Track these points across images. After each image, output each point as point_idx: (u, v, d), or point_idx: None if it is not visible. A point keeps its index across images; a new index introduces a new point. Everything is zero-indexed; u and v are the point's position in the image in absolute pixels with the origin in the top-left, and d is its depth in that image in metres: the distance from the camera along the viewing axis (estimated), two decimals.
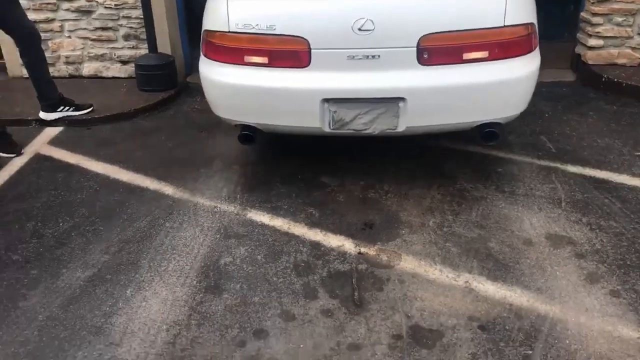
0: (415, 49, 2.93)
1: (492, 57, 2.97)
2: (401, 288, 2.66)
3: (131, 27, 5.36)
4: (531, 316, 2.46)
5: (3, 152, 4.08)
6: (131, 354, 2.36)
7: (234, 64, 3.09)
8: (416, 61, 2.95)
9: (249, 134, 3.23)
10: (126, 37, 5.40)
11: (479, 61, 2.98)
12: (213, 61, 3.17)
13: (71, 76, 5.56)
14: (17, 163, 4.05)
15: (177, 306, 2.61)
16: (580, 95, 4.76)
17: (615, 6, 4.79)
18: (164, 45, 5.23)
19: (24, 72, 4.82)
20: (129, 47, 5.43)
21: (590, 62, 4.98)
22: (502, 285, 2.65)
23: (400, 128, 3.08)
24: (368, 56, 2.94)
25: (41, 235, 3.21)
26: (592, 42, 4.94)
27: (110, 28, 5.37)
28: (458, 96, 3.03)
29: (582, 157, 3.75)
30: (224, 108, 3.31)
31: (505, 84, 3.04)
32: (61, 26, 5.41)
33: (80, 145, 4.32)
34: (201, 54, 3.25)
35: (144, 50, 5.31)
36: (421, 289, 2.65)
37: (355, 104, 3.03)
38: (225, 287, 2.72)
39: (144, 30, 5.16)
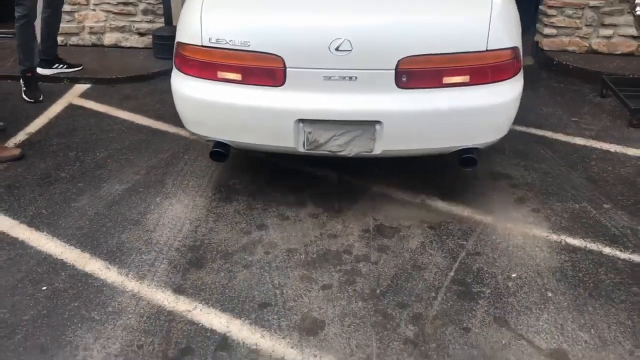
0: (393, 71, 2.83)
1: (473, 82, 2.88)
2: (372, 203, 3.42)
3: (149, 3, 6.09)
4: (469, 222, 3.23)
5: (29, 98, 4.80)
6: (163, 237, 3.11)
7: (206, 79, 2.97)
8: (394, 84, 2.85)
9: (220, 151, 3.11)
10: (145, 12, 6.12)
11: (459, 85, 2.89)
12: (185, 75, 3.05)
13: (94, 45, 6.27)
14: (54, 110, 4.77)
15: (197, 209, 3.35)
16: (536, 76, 5.54)
17: (568, 0, 5.60)
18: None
19: None
20: (146, 21, 6.15)
21: (545, 48, 5.78)
22: (450, 203, 3.42)
23: (377, 151, 2.99)
24: (345, 77, 2.84)
25: (82, 161, 3.94)
26: (547, 30, 5.75)
27: (131, 3, 6.09)
28: (437, 121, 2.94)
29: (528, 120, 4.52)
30: (194, 123, 3.21)
31: (487, 110, 2.96)
32: (87, 0, 6.12)
33: (106, 98, 5.04)
34: (173, 66, 3.17)
35: (159, 24, 6.04)
36: (387, 204, 3.41)
37: (331, 125, 2.94)
38: (235, 198, 3.46)
39: (161, 6, 5.89)
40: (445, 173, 3.76)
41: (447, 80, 2.87)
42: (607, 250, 2.99)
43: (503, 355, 2.34)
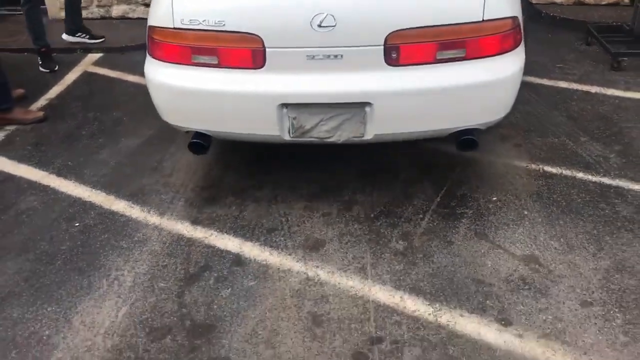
0: (382, 47, 2.60)
1: (469, 56, 2.64)
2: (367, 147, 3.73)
3: None
4: (456, 158, 3.54)
5: (45, 68, 5.13)
6: (179, 180, 3.45)
7: (180, 64, 2.74)
8: (383, 61, 2.63)
9: (200, 142, 2.91)
10: None
11: (454, 61, 2.64)
12: (157, 61, 2.82)
13: (102, 17, 6.56)
14: (70, 77, 5.09)
15: (208, 156, 3.68)
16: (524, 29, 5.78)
17: None
18: None
19: (62, 15, 5.84)
20: None
21: (534, 1, 6.02)
22: (437, 143, 3.72)
23: (368, 136, 2.78)
24: (330, 56, 2.61)
25: (101, 120, 4.27)
26: None
27: None
28: (432, 101, 2.72)
29: None
30: (170, 113, 2.99)
31: (485, 86, 2.72)
32: None
33: (117, 65, 5.35)
34: (146, 53, 2.94)
35: None
36: (381, 148, 3.72)
37: (317, 109, 2.73)
38: (242, 148, 3.79)
39: None
40: None
41: (440, 55, 2.62)
42: (580, 175, 3.30)
43: (482, 261, 2.67)
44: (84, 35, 5.70)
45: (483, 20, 2.59)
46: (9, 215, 3.19)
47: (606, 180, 3.23)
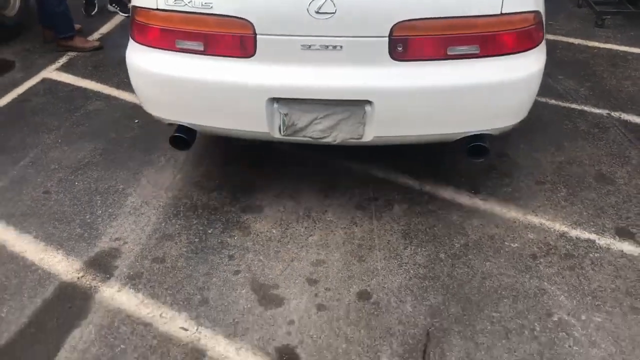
0: (387, 39, 2.35)
1: (484, 53, 2.38)
2: None
3: None
4: None
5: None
6: None
7: (163, 49, 2.50)
8: (388, 55, 2.37)
9: (182, 136, 2.67)
10: None
11: (468, 57, 2.39)
12: (139, 45, 2.59)
13: None
14: (118, 18, 5.79)
15: None
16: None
17: None
18: None
19: None
20: None
21: None
22: None
23: (367, 137, 2.54)
24: (328, 46, 2.36)
25: None
26: None
27: None
28: (440, 101, 2.47)
29: None
30: (151, 103, 2.76)
31: (501, 87, 2.46)
32: None
33: None
34: (129, 37, 2.69)
35: None
36: None
37: (311, 106, 2.48)
38: None
39: None
40: None
41: (452, 50, 2.37)
42: (552, 101, 3.96)
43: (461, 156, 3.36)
44: (117, 7, 6.20)
45: (501, 13, 2.32)
46: (80, 113, 3.91)
47: (573, 106, 3.89)
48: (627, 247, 2.66)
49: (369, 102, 2.45)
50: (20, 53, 4.92)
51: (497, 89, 2.47)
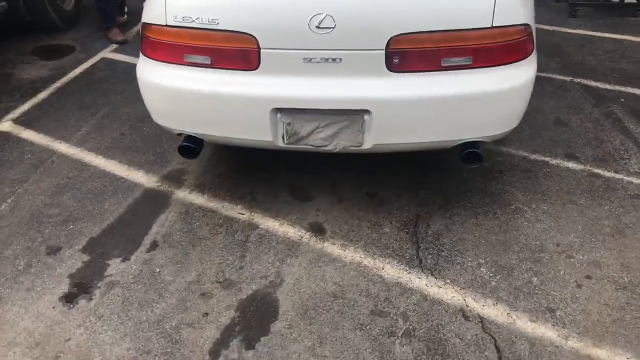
0: (384, 52, 2.48)
1: (477, 64, 2.51)
2: None
3: None
4: None
5: None
6: None
7: (172, 63, 2.66)
8: (385, 67, 2.51)
9: (190, 146, 2.83)
10: None
11: (461, 68, 2.52)
12: (150, 59, 2.75)
13: None
14: None
15: None
16: None
17: None
18: None
19: None
20: None
21: None
22: None
23: (367, 145, 2.68)
24: (328, 59, 2.51)
25: None
26: None
27: None
28: (435, 110, 2.60)
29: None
30: (161, 114, 2.91)
31: (493, 96, 2.59)
32: None
33: None
34: (140, 51, 2.85)
35: None
36: None
37: (313, 115, 2.63)
38: None
39: None
40: None
41: (446, 62, 2.50)
42: None
43: None
44: None
45: (492, 26, 2.46)
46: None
47: (543, 74, 4.73)
48: (571, 165, 3.50)
49: (367, 112, 2.59)
50: (79, 39, 5.81)
51: (490, 98, 2.59)
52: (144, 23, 2.73)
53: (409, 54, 2.51)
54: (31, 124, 4.10)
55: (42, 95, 4.57)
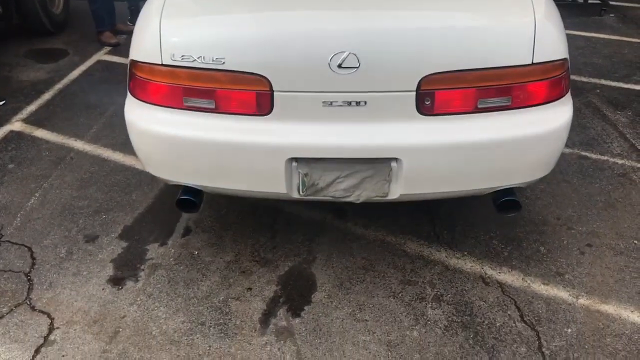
0: (414, 93, 2.23)
1: (516, 105, 2.29)
2: None
3: None
4: None
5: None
6: None
7: (169, 107, 2.31)
8: (415, 110, 2.27)
9: (190, 199, 2.49)
10: None
11: (499, 110, 2.29)
12: (141, 102, 2.37)
13: None
14: None
15: None
16: None
17: None
18: None
19: None
20: None
21: None
22: None
23: (393, 195, 2.43)
24: (351, 102, 2.25)
25: None
26: None
27: None
28: (471, 157, 2.34)
29: None
30: (156, 165, 2.52)
31: (534, 140, 2.36)
32: None
33: None
34: (127, 91, 2.46)
35: None
36: None
37: (333, 165, 2.36)
38: None
39: None
40: None
41: (482, 103, 2.28)
42: None
43: None
44: None
45: (532, 63, 2.24)
46: None
47: None
48: None
49: (395, 159, 2.32)
50: (70, 43, 5.90)
51: (529, 142, 2.35)
52: (133, 60, 2.33)
53: (442, 95, 2.25)
54: (42, 124, 4.21)
55: (47, 96, 4.67)
